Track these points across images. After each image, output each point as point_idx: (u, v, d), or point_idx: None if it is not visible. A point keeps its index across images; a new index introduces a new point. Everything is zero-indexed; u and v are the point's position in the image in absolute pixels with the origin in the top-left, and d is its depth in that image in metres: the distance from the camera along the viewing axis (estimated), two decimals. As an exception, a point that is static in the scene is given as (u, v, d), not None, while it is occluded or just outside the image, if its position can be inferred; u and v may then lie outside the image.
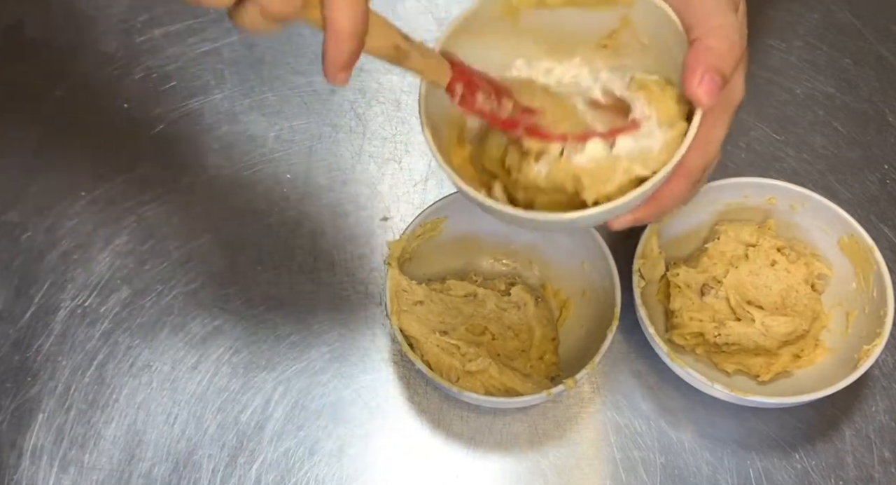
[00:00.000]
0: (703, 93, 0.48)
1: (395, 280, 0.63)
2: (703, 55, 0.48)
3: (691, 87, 0.48)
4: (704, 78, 0.48)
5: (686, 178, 0.50)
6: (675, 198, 0.51)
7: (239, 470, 0.63)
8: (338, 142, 0.75)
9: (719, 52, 0.48)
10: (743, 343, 0.64)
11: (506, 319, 0.65)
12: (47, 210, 0.71)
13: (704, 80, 0.48)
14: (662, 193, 0.50)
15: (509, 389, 0.62)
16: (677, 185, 0.50)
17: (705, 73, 0.48)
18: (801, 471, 0.64)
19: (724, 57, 0.49)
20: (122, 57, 0.78)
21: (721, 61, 0.48)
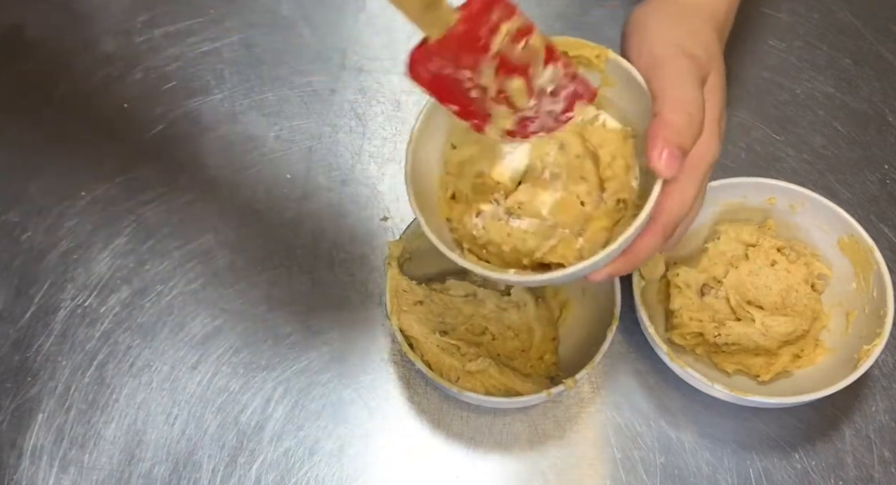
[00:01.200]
0: (663, 166, 0.50)
1: (395, 280, 0.63)
2: (662, 129, 0.50)
3: (652, 160, 0.50)
4: (664, 152, 0.50)
5: (660, 234, 0.52)
6: (650, 250, 0.53)
7: (239, 470, 0.63)
8: (338, 142, 0.75)
9: (678, 127, 0.50)
10: (743, 343, 0.64)
11: (506, 319, 0.65)
12: (47, 210, 0.71)
13: (664, 154, 0.50)
14: (637, 247, 0.52)
15: (509, 389, 0.62)
16: (652, 238, 0.52)
17: (664, 147, 0.50)
18: (801, 471, 0.64)
19: (682, 131, 0.50)
20: (122, 57, 0.78)
21: (679, 136, 0.50)
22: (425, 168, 0.55)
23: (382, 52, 0.79)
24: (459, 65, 0.47)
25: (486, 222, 0.55)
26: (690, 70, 0.53)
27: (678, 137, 0.50)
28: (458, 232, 0.56)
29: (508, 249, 0.54)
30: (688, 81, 0.52)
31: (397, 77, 0.78)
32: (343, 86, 0.77)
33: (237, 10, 0.81)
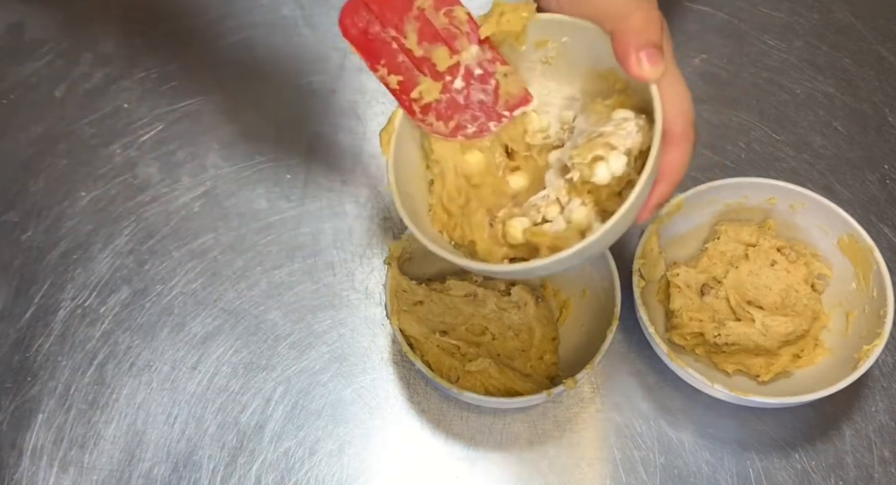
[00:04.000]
0: (647, 70, 0.48)
1: (395, 280, 0.63)
2: (626, 39, 0.49)
3: (634, 71, 0.48)
4: (641, 56, 0.48)
5: (677, 144, 0.50)
6: (680, 166, 0.50)
7: (239, 470, 0.63)
8: (338, 142, 0.75)
9: (638, 28, 0.49)
10: (743, 343, 0.64)
11: (506, 319, 0.65)
12: (47, 210, 0.71)
13: (642, 56, 0.48)
14: (665, 168, 0.50)
15: (509, 389, 0.62)
16: (676, 153, 0.50)
17: (638, 51, 0.48)
18: (801, 471, 0.64)
19: (646, 29, 0.49)
20: (122, 57, 0.78)
21: (645, 35, 0.49)
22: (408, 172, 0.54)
23: (382, 52, 0.79)
24: (385, 22, 0.49)
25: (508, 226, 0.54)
26: None
27: (644, 35, 0.49)
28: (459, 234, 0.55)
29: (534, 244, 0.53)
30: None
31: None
32: (343, 86, 0.77)
33: (237, 10, 0.81)
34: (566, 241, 0.51)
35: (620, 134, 0.51)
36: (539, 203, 0.53)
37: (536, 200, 0.54)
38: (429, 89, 0.52)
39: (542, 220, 0.53)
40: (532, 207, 0.54)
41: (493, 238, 0.54)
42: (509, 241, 0.53)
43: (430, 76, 0.52)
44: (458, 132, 0.53)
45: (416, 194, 0.54)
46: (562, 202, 0.53)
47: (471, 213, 0.54)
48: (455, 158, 0.54)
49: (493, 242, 0.54)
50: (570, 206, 0.53)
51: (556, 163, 0.55)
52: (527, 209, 0.54)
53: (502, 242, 0.54)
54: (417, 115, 0.52)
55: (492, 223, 0.54)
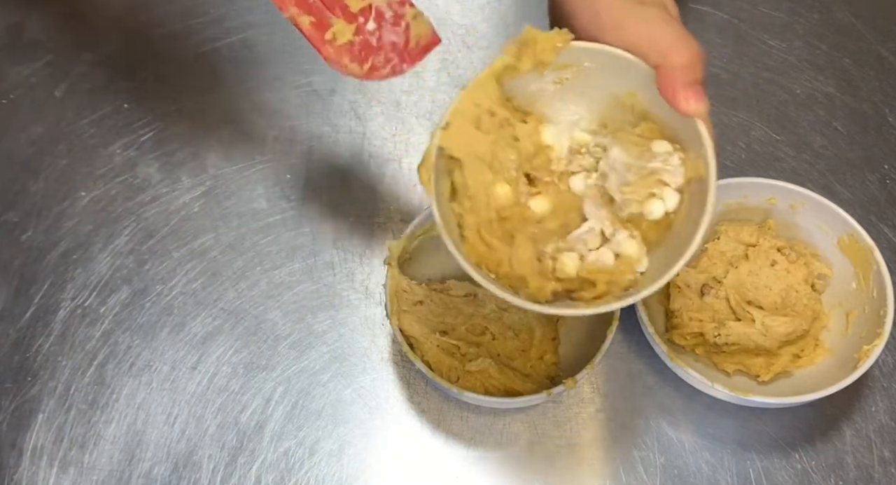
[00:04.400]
0: (693, 107, 0.49)
1: (395, 280, 0.63)
2: (674, 76, 0.49)
3: (682, 108, 0.49)
4: (689, 95, 0.49)
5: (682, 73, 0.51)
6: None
7: (239, 470, 0.63)
8: (338, 142, 0.75)
9: (685, 66, 0.50)
10: (743, 343, 0.64)
11: (506, 319, 0.65)
12: (47, 210, 0.71)
13: (690, 96, 0.49)
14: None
15: (509, 389, 0.62)
16: None
17: (686, 89, 0.49)
18: (801, 471, 0.64)
19: (692, 67, 0.50)
20: (123, 57, 0.78)
21: (693, 73, 0.50)
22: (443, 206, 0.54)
23: (382, 52, 0.79)
24: None
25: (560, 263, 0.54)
26: (658, 13, 0.51)
27: (692, 74, 0.49)
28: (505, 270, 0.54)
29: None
30: (665, 24, 0.51)
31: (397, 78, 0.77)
32: (343, 86, 0.77)
33: (237, 10, 0.81)
34: (622, 275, 0.52)
35: (669, 170, 0.52)
36: (586, 237, 0.53)
37: (582, 235, 0.54)
38: (342, 30, 0.52)
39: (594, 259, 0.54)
40: (579, 242, 0.54)
41: (542, 273, 0.53)
42: (560, 276, 0.53)
43: (343, 18, 0.52)
44: (374, 73, 0.54)
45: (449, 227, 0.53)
46: (606, 234, 0.53)
47: (518, 247, 0.53)
48: (487, 191, 0.53)
49: (543, 277, 0.53)
50: (616, 238, 0.53)
51: (592, 194, 0.54)
52: (573, 243, 0.54)
53: (551, 276, 0.53)
54: (332, 58, 0.53)
55: (540, 259, 0.53)
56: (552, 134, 0.55)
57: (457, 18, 0.80)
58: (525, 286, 0.53)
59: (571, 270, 0.53)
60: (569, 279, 0.53)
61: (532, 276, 0.53)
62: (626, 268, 0.52)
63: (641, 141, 0.53)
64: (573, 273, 0.53)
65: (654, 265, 0.53)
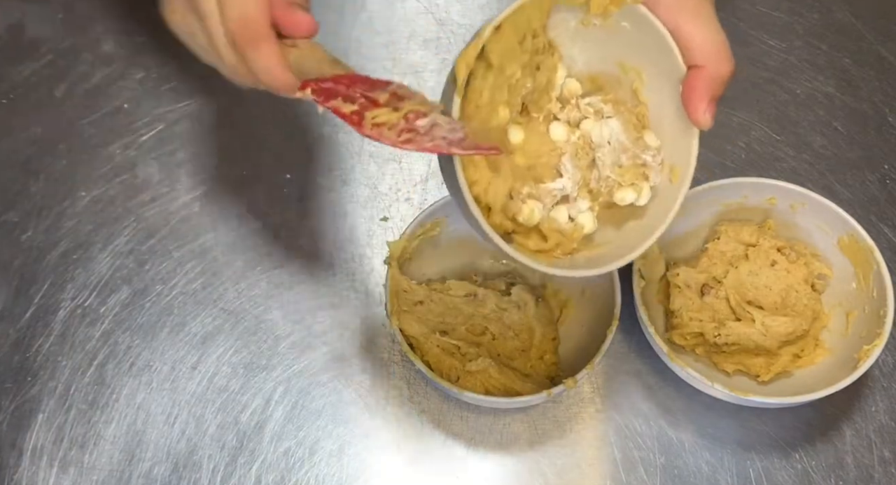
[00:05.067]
0: (704, 122, 0.49)
1: (395, 280, 0.63)
2: (703, 84, 0.49)
3: (696, 115, 0.49)
4: (709, 108, 0.49)
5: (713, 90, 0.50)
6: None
7: (239, 470, 0.63)
8: (338, 142, 0.75)
9: (721, 79, 0.49)
10: (743, 343, 0.64)
11: (506, 319, 0.65)
12: (47, 210, 0.71)
13: (709, 110, 0.49)
14: None
15: (509, 389, 0.62)
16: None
17: (710, 102, 0.49)
18: (801, 471, 0.64)
19: (725, 82, 0.49)
20: (122, 57, 0.78)
21: (721, 88, 0.49)
22: None
23: (382, 52, 0.79)
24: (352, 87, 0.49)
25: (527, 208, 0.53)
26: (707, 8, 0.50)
27: (721, 88, 0.49)
28: None
29: None
30: (712, 22, 0.49)
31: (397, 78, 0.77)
32: (343, 86, 0.77)
33: (237, 10, 0.80)
34: (570, 241, 0.53)
35: (654, 168, 0.53)
36: (556, 193, 0.53)
37: (553, 188, 0.53)
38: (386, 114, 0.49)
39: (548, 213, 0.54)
40: (548, 194, 0.53)
41: (504, 211, 0.52)
42: (519, 219, 0.52)
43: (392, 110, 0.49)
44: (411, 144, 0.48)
45: None
46: (570, 196, 0.54)
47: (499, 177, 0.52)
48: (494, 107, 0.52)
49: (503, 214, 0.52)
50: (577, 204, 0.53)
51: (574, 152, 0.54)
52: (543, 193, 0.53)
53: (509, 215, 0.53)
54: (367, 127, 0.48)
55: (512, 196, 0.53)
56: (562, 76, 0.54)
57: (457, 18, 0.80)
58: (487, 216, 0.52)
59: (535, 218, 0.52)
60: (525, 226, 0.53)
61: (496, 210, 0.52)
62: (576, 235, 0.53)
63: (638, 126, 0.53)
64: (534, 222, 0.53)
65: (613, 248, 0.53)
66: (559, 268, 0.52)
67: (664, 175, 0.53)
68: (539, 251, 0.53)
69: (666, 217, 0.52)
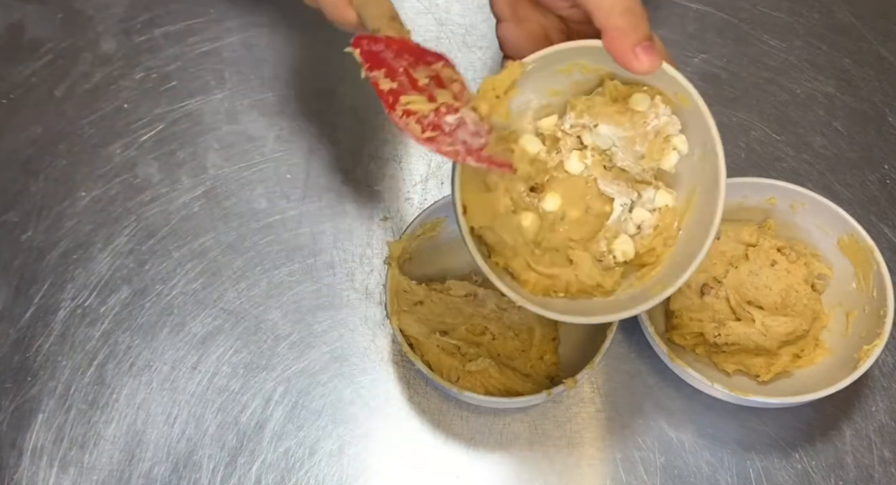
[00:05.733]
0: (646, 65, 0.49)
1: (395, 280, 0.63)
2: (619, 39, 0.49)
3: (634, 69, 0.49)
4: (637, 53, 0.49)
5: None
6: None
7: (239, 470, 0.63)
8: (338, 142, 0.75)
9: (630, 25, 0.49)
10: (743, 343, 0.64)
11: (506, 319, 0.65)
12: (47, 210, 0.71)
13: (639, 54, 0.49)
14: None
15: (509, 389, 0.62)
16: None
17: (634, 49, 0.49)
18: (801, 471, 0.64)
19: (637, 24, 0.49)
20: (122, 57, 0.78)
21: (637, 30, 0.49)
22: None
23: (382, 52, 0.79)
24: (399, 57, 0.49)
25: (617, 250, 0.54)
26: None
27: (636, 31, 0.49)
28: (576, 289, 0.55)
29: None
30: None
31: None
32: (343, 86, 0.77)
33: (237, 10, 0.81)
34: (669, 227, 0.53)
35: (665, 120, 0.52)
36: (626, 216, 0.54)
37: (619, 215, 0.54)
38: (419, 102, 0.50)
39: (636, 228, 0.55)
40: (620, 223, 0.54)
41: (608, 269, 0.54)
42: (625, 260, 0.54)
43: (427, 98, 0.50)
44: (432, 143, 0.50)
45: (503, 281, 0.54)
46: (633, 201, 0.54)
47: (579, 263, 0.54)
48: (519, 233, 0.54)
49: (609, 272, 0.54)
50: (645, 196, 0.54)
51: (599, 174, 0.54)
52: (616, 228, 0.54)
53: (613, 265, 0.54)
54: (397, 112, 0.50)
55: (600, 259, 0.54)
56: (527, 140, 0.55)
57: (457, 18, 0.80)
58: (601, 289, 0.54)
59: (631, 250, 0.54)
60: (631, 260, 0.54)
61: (602, 278, 0.54)
62: (670, 218, 0.54)
63: (622, 108, 0.53)
64: (632, 253, 0.54)
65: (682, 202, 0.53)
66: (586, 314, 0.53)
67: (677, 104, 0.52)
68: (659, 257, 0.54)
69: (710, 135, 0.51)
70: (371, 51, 0.49)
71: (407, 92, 0.49)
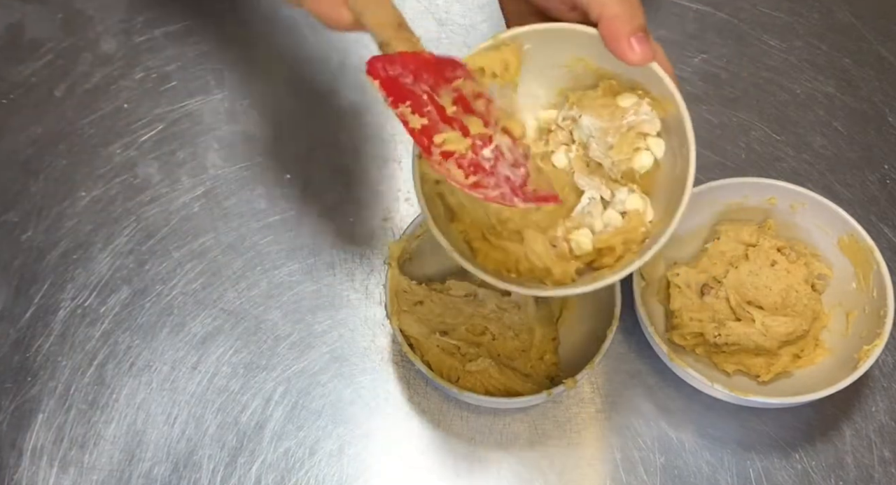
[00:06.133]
0: (640, 55, 0.49)
1: (395, 280, 0.63)
2: (615, 27, 0.49)
3: (627, 59, 0.49)
4: (632, 43, 0.49)
5: None
6: None
7: (239, 470, 0.63)
8: (338, 142, 0.75)
9: (626, 14, 0.49)
10: (743, 343, 0.64)
11: (506, 319, 0.65)
12: (47, 210, 0.71)
13: (633, 44, 0.49)
14: None
15: (509, 389, 0.62)
16: None
17: (629, 38, 0.49)
18: (801, 471, 0.64)
19: (633, 14, 0.49)
20: (122, 57, 0.78)
21: (633, 20, 0.49)
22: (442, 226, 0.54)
23: (382, 52, 0.79)
24: (419, 79, 0.48)
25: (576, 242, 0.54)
26: None
27: (632, 21, 0.49)
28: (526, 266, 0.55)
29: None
30: None
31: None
32: (343, 86, 0.77)
33: (237, 11, 0.81)
34: (634, 230, 0.53)
35: (645, 119, 0.52)
36: (589, 209, 0.54)
37: (585, 208, 0.54)
38: (454, 140, 0.49)
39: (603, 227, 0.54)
40: (585, 215, 0.54)
41: (561, 257, 0.53)
42: (578, 254, 0.54)
43: (460, 131, 0.49)
44: (479, 189, 0.49)
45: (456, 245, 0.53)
46: (605, 198, 0.54)
47: (530, 242, 0.54)
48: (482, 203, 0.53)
49: (563, 260, 0.53)
50: (618, 197, 0.54)
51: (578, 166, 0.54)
52: (580, 219, 0.54)
53: (570, 256, 0.54)
54: (435, 158, 0.48)
55: (554, 244, 0.54)
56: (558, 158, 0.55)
57: (457, 18, 0.80)
58: (549, 275, 0.53)
59: (587, 245, 0.53)
60: (587, 254, 0.53)
61: (553, 263, 0.53)
62: (637, 222, 0.53)
63: (608, 101, 0.53)
64: (590, 247, 0.53)
65: (658, 215, 0.53)
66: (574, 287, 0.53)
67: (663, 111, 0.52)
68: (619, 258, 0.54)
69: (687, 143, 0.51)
70: (390, 77, 0.48)
71: (438, 127, 0.48)
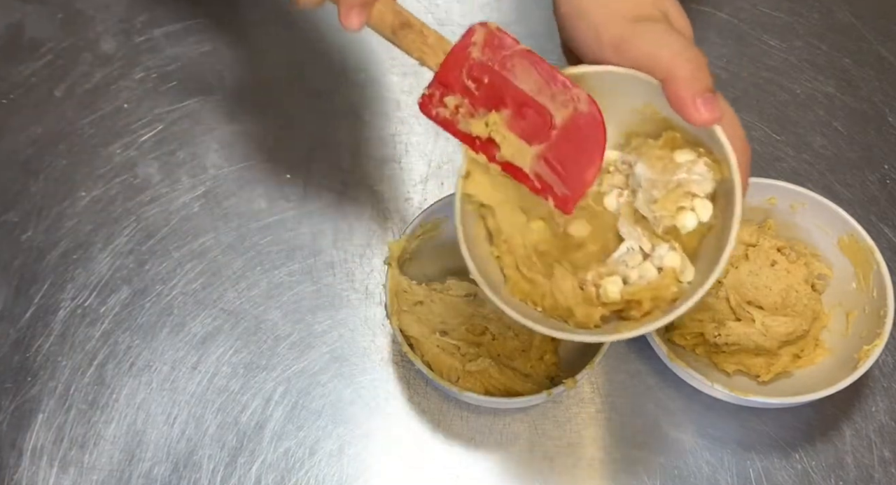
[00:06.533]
0: (707, 116, 0.49)
1: (395, 280, 0.63)
2: (680, 88, 0.49)
3: (694, 120, 0.49)
4: (698, 104, 0.49)
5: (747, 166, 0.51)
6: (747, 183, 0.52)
7: (239, 470, 0.63)
8: (338, 142, 0.75)
9: (690, 76, 0.49)
10: (743, 343, 0.64)
11: (506, 319, 0.65)
12: (47, 210, 0.71)
13: (698, 105, 0.49)
14: None
15: (509, 389, 0.62)
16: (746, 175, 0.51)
17: (695, 99, 0.49)
18: (801, 471, 0.64)
19: (698, 76, 0.49)
20: (122, 57, 0.78)
21: (698, 82, 0.49)
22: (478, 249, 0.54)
23: (382, 52, 0.79)
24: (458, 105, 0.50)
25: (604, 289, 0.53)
26: (657, 28, 0.51)
27: (698, 82, 0.49)
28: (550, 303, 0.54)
29: None
30: (665, 38, 0.50)
31: (397, 77, 0.78)
32: (343, 86, 0.77)
33: (236, 10, 0.81)
34: (665, 289, 0.51)
35: (697, 179, 0.51)
36: (626, 258, 0.53)
37: (622, 256, 0.53)
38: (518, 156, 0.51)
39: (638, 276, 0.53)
40: (619, 263, 0.53)
41: (588, 301, 0.53)
42: (605, 301, 0.53)
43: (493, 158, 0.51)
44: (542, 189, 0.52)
45: (489, 269, 0.53)
46: (645, 251, 0.53)
47: (558, 279, 0.53)
48: (521, 231, 0.53)
49: (589, 304, 0.53)
50: (657, 252, 0.52)
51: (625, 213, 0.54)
52: (614, 266, 0.53)
53: (597, 302, 0.53)
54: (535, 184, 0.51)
55: (583, 287, 0.53)
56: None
57: (457, 18, 0.80)
58: (572, 316, 0.53)
59: (615, 294, 0.52)
60: (614, 302, 0.52)
61: (577, 305, 0.52)
62: (670, 280, 0.51)
63: (665, 154, 0.52)
64: (617, 297, 0.52)
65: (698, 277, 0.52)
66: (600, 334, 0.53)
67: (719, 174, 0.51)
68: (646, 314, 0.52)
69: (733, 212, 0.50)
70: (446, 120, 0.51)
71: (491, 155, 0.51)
